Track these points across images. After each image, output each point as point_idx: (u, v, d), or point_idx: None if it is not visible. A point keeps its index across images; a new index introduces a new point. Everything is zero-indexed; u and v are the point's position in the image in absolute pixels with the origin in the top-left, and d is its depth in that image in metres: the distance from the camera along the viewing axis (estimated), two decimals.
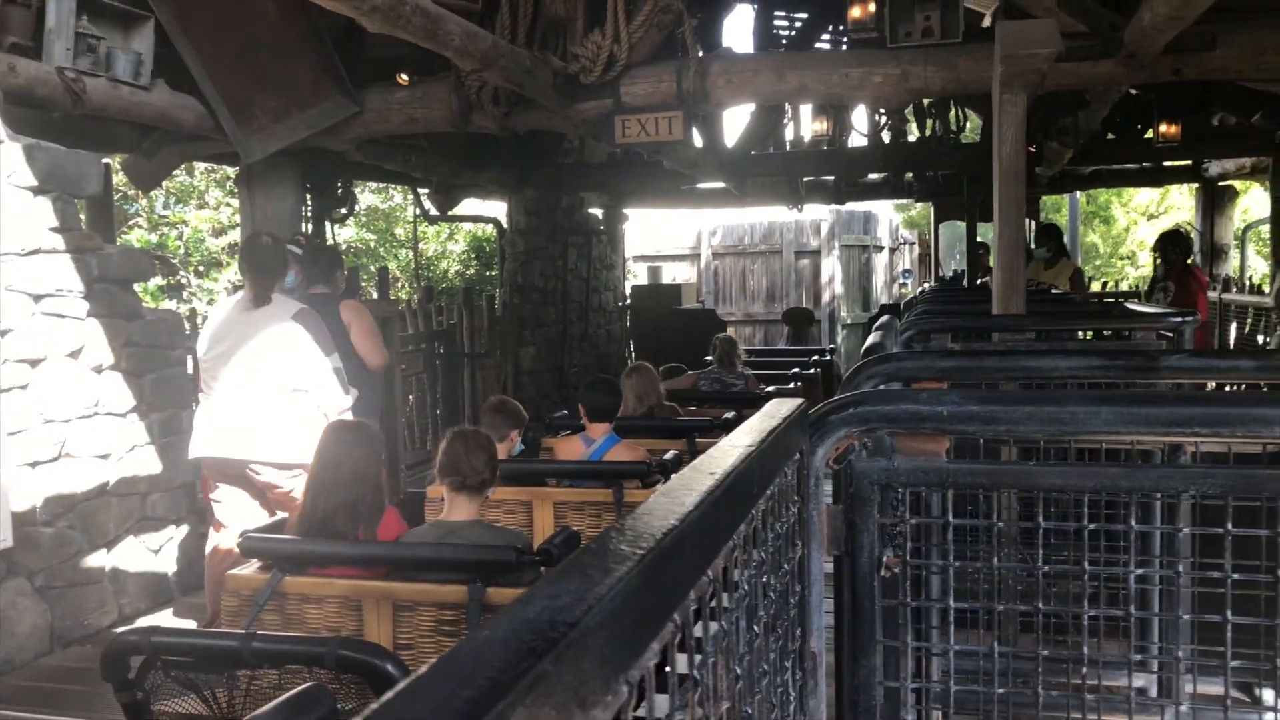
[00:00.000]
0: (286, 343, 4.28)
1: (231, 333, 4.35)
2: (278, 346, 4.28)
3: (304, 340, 4.30)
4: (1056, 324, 3.74)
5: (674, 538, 0.61)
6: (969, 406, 1.24)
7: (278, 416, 4.23)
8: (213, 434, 4.30)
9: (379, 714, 0.36)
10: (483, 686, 0.38)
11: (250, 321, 4.33)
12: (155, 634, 2.44)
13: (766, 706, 0.98)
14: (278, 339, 4.29)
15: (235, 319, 4.38)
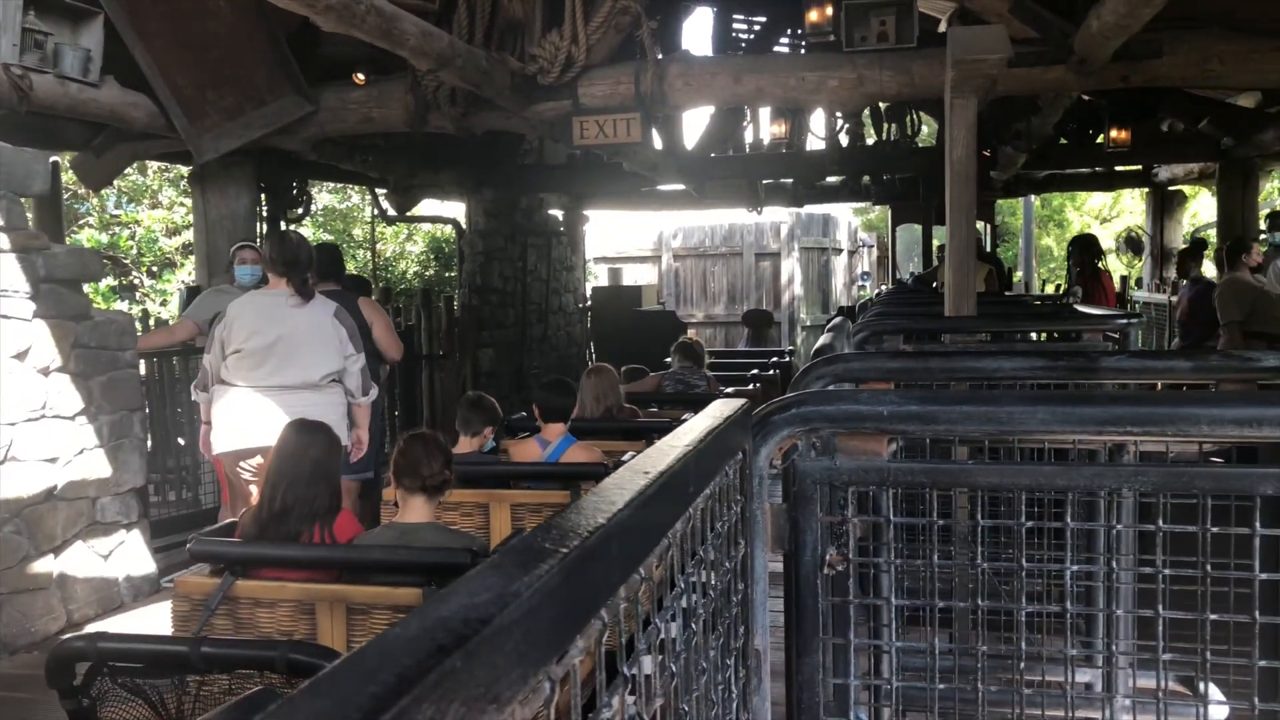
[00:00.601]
0: (329, 339, 4.50)
1: (273, 327, 4.46)
2: (322, 341, 4.49)
3: (343, 337, 4.54)
4: (1007, 326, 3.80)
5: (600, 536, 0.62)
6: (908, 407, 1.26)
7: (314, 404, 4.34)
8: (257, 423, 4.36)
9: (284, 710, 0.36)
10: (388, 682, 0.38)
11: (294, 317, 4.47)
12: (102, 639, 2.40)
13: (706, 704, 0.99)
14: (324, 332, 4.50)
15: (276, 314, 4.47)
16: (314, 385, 4.48)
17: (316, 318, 4.51)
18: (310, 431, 3.19)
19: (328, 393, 4.51)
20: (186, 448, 6.58)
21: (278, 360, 4.45)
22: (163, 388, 6.57)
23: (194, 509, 6.40)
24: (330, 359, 4.52)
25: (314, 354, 4.48)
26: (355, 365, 4.59)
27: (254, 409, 4.43)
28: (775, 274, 16.21)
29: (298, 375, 4.45)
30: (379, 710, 0.36)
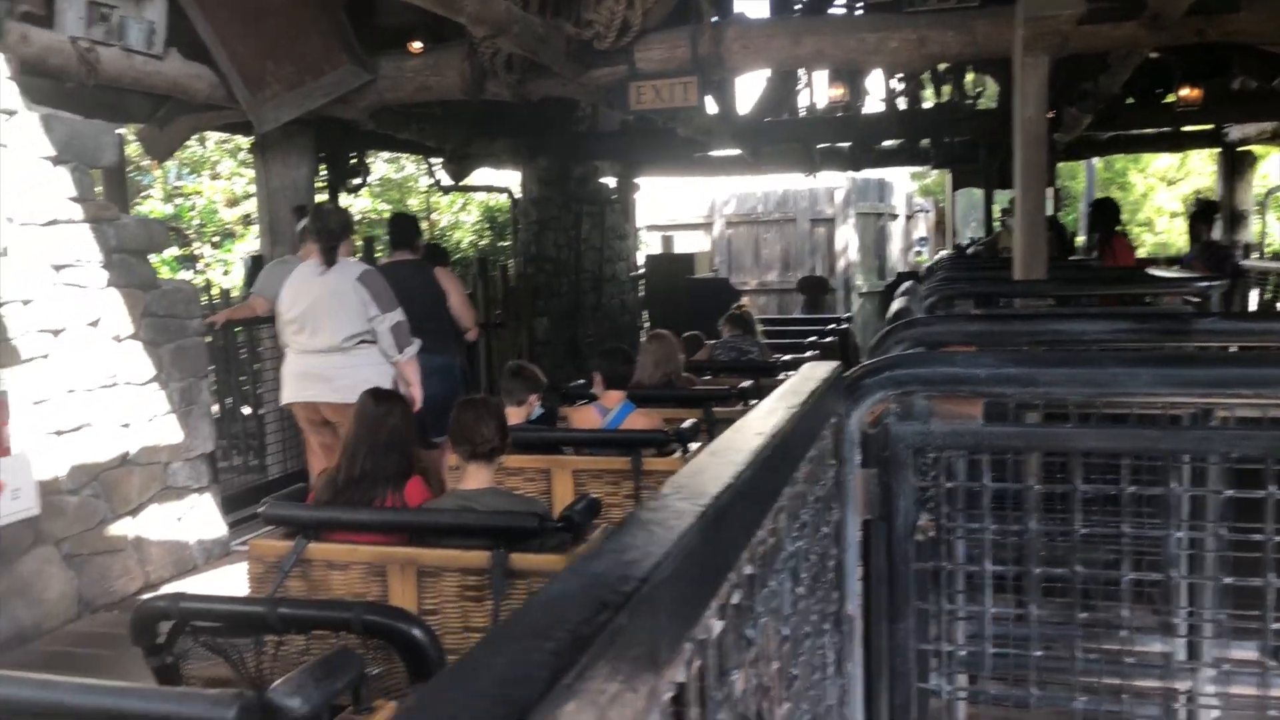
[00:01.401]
0: (350, 301, 4.69)
1: (307, 294, 4.76)
2: (345, 303, 4.70)
3: (366, 297, 4.69)
4: (1078, 290, 3.71)
5: (730, 495, 0.60)
6: (1006, 369, 1.22)
7: (346, 365, 4.68)
8: (293, 384, 4.84)
9: (465, 666, 0.35)
10: (563, 639, 0.37)
11: (321, 283, 4.73)
12: (183, 600, 2.46)
13: (809, 669, 0.97)
14: (345, 296, 4.70)
15: (309, 281, 4.78)
16: (340, 348, 4.71)
17: (338, 283, 4.70)
18: (387, 400, 3.24)
19: (355, 354, 4.72)
20: (252, 415, 6.70)
21: (311, 326, 4.75)
22: (227, 356, 6.69)
23: (260, 475, 6.52)
24: (352, 322, 4.69)
25: (336, 318, 4.70)
26: (383, 325, 4.70)
27: (298, 370, 4.83)
28: (830, 240, 16.01)
29: (325, 340, 4.72)
30: (563, 668, 0.35)
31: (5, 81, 4.23)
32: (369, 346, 4.74)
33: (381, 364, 4.75)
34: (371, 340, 4.73)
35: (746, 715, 0.68)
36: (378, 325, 4.70)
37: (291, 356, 4.88)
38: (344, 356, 4.71)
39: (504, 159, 10.38)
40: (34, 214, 4.33)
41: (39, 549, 4.29)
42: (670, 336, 5.59)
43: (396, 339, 4.74)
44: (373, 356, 4.75)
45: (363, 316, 4.70)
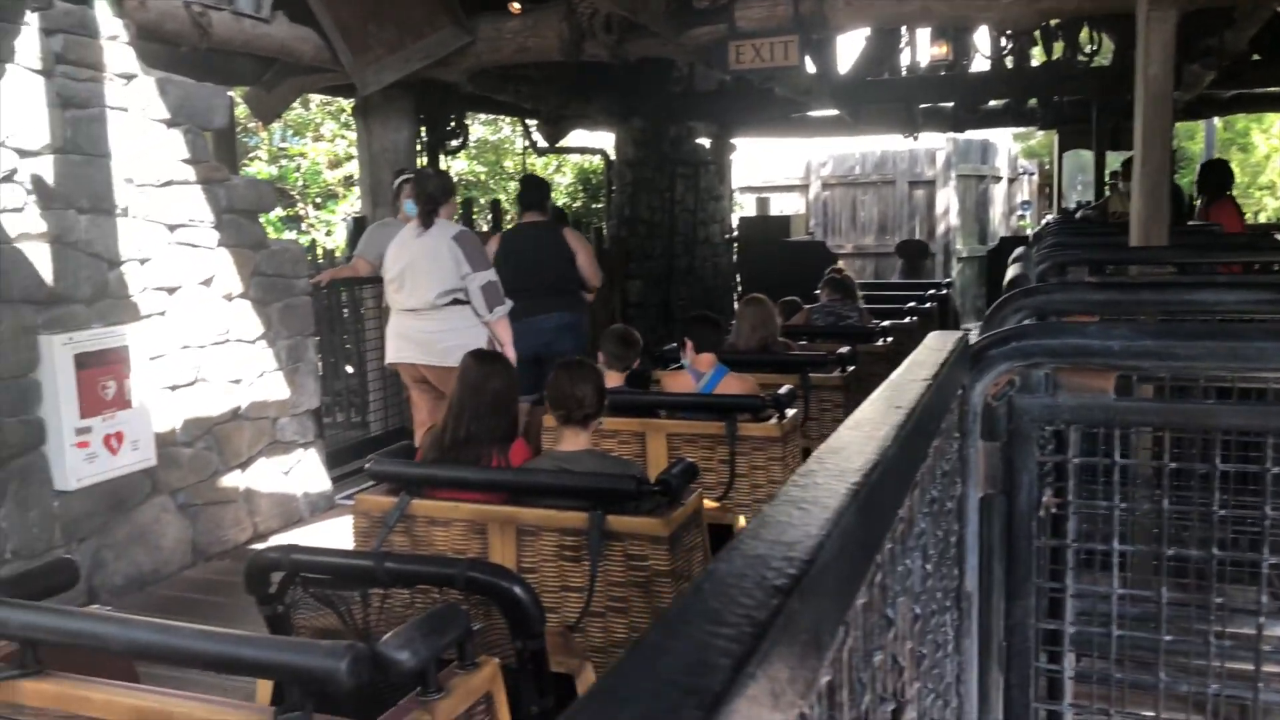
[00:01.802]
0: (445, 260, 4.82)
1: (406, 254, 4.93)
2: (439, 261, 4.83)
3: (459, 257, 4.81)
4: (1202, 257, 3.53)
5: (879, 472, 0.58)
6: (1143, 341, 1.16)
7: (442, 328, 4.87)
8: (394, 344, 5.04)
9: (649, 648, 0.34)
10: (740, 624, 0.36)
11: (419, 244, 4.89)
12: (294, 551, 2.53)
13: (933, 647, 0.95)
14: (438, 257, 4.83)
15: (408, 242, 4.94)
16: (433, 305, 4.86)
17: (434, 243, 4.84)
18: (490, 362, 3.27)
19: (449, 315, 4.87)
20: (355, 373, 6.87)
21: (409, 285, 4.90)
22: (331, 315, 6.86)
23: (363, 432, 6.69)
24: (445, 279, 4.82)
25: (430, 277, 4.83)
26: (474, 283, 4.83)
27: (399, 330, 5.01)
28: (930, 203, 15.61)
29: (420, 298, 4.87)
30: (745, 655, 0.34)
31: (124, 47, 4.37)
32: (462, 307, 4.87)
33: (475, 326, 4.89)
34: (465, 300, 4.86)
35: (884, 695, 0.66)
36: (469, 283, 4.81)
37: (394, 316, 5.06)
38: (439, 318, 4.86)
39: (599, 120, 10.36)
40: (150, 175, 4.48)
41: (156, 498, 4.49)
42: (767, 300, 5.53)
43: (487, 298, 4.85)
44: (466, 318, 4.88)
45: (455, 275, 4.81)
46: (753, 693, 0.33)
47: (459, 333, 4.81)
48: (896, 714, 0.69)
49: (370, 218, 7.06)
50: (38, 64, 3.95)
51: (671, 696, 0.31)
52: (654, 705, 0.30)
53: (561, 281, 5.79)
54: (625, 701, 0.31)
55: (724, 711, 0.30)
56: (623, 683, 0.32)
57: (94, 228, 4.19)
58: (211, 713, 1.80)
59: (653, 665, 0.33)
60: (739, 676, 0.32)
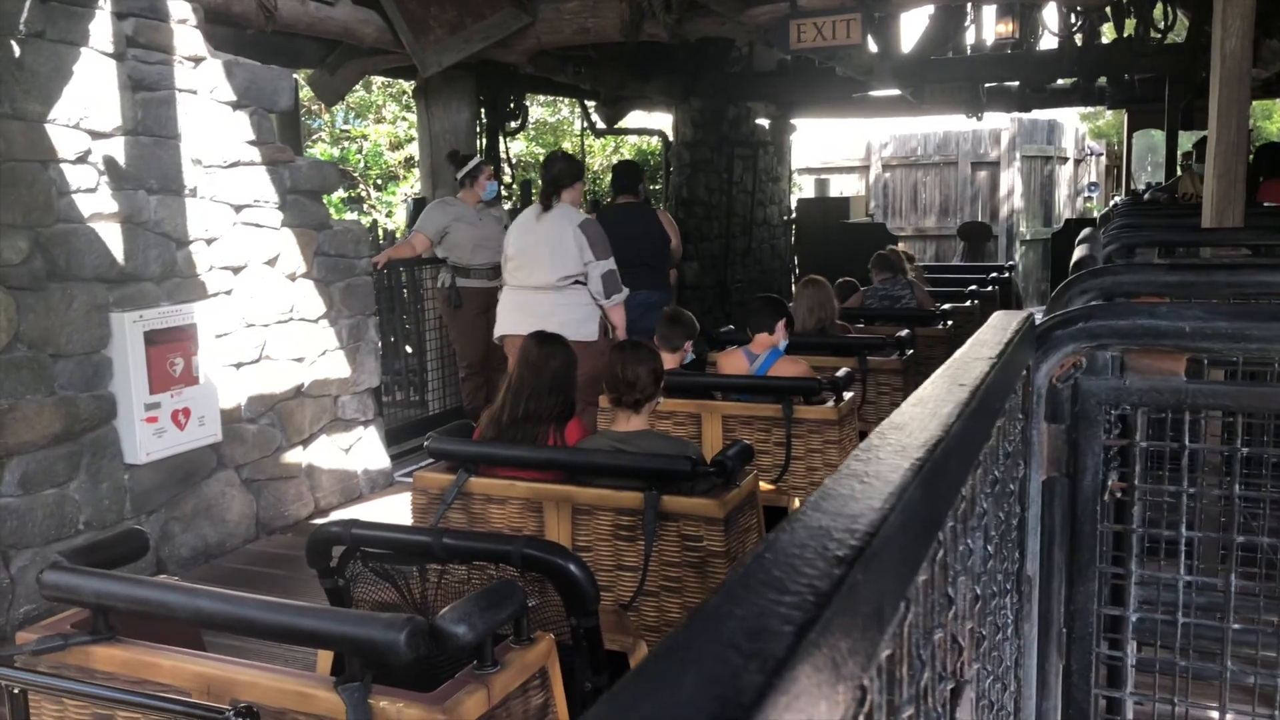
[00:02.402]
0: (569, 246, 5.04)
1: (529, 237, 5.15)
2: (563, 246, 5.05)
3: (584, 244, 5.03)
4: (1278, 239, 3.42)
5: (942, 450, 0.57)
6: (1216, 322, 1.13)
7: (559, 303, 5.07)
8: (508, 317, 5.23)
9: (708, 614, 0.34)
10: (802, 593, 0.35)
11: (540, 228, 5.12)
12: (355, 526, 2.58)
13: (993, 629, 0.94)
14: (562, 243, 5.05)
15: (530, 225, 5.18)
16: (554, 286, 5.06)
17: (557, 229, 5.04)
18: (551, 343, 3.28)
19: (567, 293, 5.08)
20: (414, 353, 6.96)
21: (528, 265, 5.11)
22: (391, 295, 6.94)
23: (421, 411, 6.78)
24: (567, 264, 5.02)
25: (552, 261, 5.03)
26: (596, 271, 5.04)
27: (514, 304, 5.21)
28: (993, 184, 15.32)
29: (541, 277, 5.07)
30: (808, 623, 0.33)
31: (192, 30, 4.45)
32: (579, 288, 5.10)
33: (590, 305, 5.11)
34: (582, 281, 5.09)
35: (944, 674, 0.65)
36: (591, 270, 5.04)
37: (508, 292, 5.29)
38: (557, 295, 5.08)
39: (657, 101, 10.32)
40: (217, 157, 4.57)
41: (221, 473, 4.60)
42: (825, 282, 5.48)
43: (606, 286, 5.08)
44: (582, 298, 5.10)
45: (578, 261, 5.03)
46: (815, 661, 0.33)
47: (573, 308, 5.05)
48: (955, 693, 0.69)
49: (430, 198, 7.12)
50: (109, 47, 4.04)
51: (734, 660, 0.31)
52: (716, 668, 0.30)
53: (654, 259, 6.04)
54: (688, 663, 0.31)
55: (786, 677, 0.30)
56: (685, 645, 0.32)
57: (163, 208, 4.29)
58: (274, 681, 1.84)
59: (716, 630, 0.33)
60: (801, 644, 0.32)
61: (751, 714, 0.28)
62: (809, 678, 0.32)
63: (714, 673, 0.30)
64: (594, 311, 5.13)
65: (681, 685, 0.29)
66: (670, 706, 0.28)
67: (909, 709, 0.52)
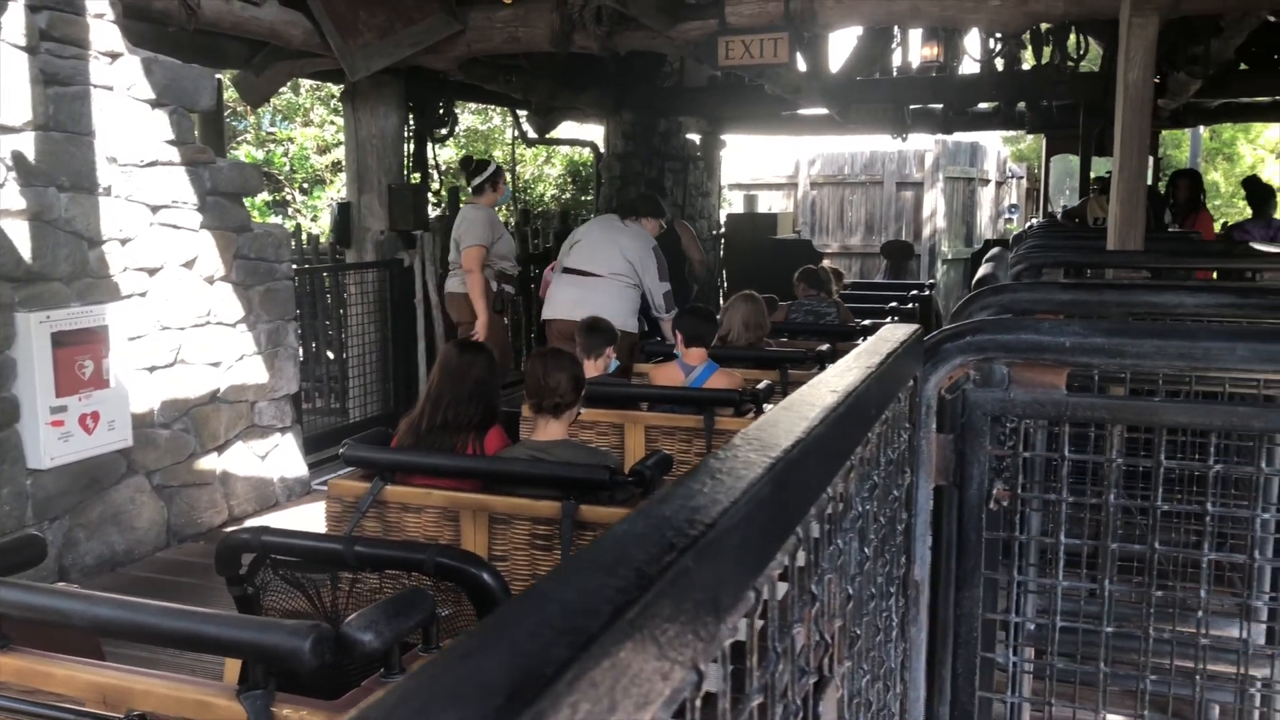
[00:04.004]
0: (639, 254, 5.83)
1: (594, 233, 5.98)
2: (631, 252, 5.82)
3: (650, 262, 5.85)
4: (1176, 262, 3.58)
5: (800, 450, 0.60)
6: (1094, 338, 1.19)
7: (610, 296, 5.70)
8: (557, 303, 5.85)
9: (535, 595, 0.36)
10: (628, 576, 0.37)
11: (615, 229, 5.96)
12: (265, 533, 2.54)
13: (872, 630, 0.97)
14: (635, 247, 5.84)
15: (602, 225, 6.08)
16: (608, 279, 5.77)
17: (639, 240, 5.94)
18: (472, 351, 3.27)
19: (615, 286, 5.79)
20: (335, 360, 6.87)
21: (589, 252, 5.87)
22: (313, 300, 6.85)
23: (341, 418, 6.70)
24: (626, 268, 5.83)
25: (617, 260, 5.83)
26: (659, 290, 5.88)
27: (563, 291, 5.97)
28: (917, 204, 15.66)
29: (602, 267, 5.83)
30: (626, 604, 0.35)
31: (110, 25, 4.35)
32: (632, 290, 5.82)
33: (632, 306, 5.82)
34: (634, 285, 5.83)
35: (806, 669, 0.68)
36: (654, 286, 5.83)
37: (560, 279, 5.92)
38: (608, 285, 5.73)
39: (589, 112, 10.36)
40: (134, 155, 4.47)
41: (131, 479, 4.48)
42: (759, 297, 5.55)
43: (665, 303, 5.86)
44: (629, 295, 5.78)
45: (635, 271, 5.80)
46: (634, 640, 0.35)
47: (619, 302, 5.70)
48: (819, 687, 0.71)
49: (356, 203, 7.05)
50: (22, 40, 3.93)
51: (547, 635, 0.32)
52: (529, 642, 0.32)
53: None
54: (504, 637, 0.32)
55: (594, 653, 0.32)
56: (507, 622, 0.33)
57: (75, 206, 4.18)
58: (172, 689, 1.81)
59: (539, 608, 0.35)
60: (617, 623, 0.34)
61: (553, 684, 0.30)
62: (625, 655, 0.34)
63: (526, 646, 0.31)
64: (633, 309, 5.86)
65: (492, 656, 0.31)
66: (476, 673, 0.29)
67: (758, 698, 0.54)
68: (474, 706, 0.27)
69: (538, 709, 0.28)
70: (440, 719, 0.27)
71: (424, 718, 0.27)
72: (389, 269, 6.88)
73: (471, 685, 0.29)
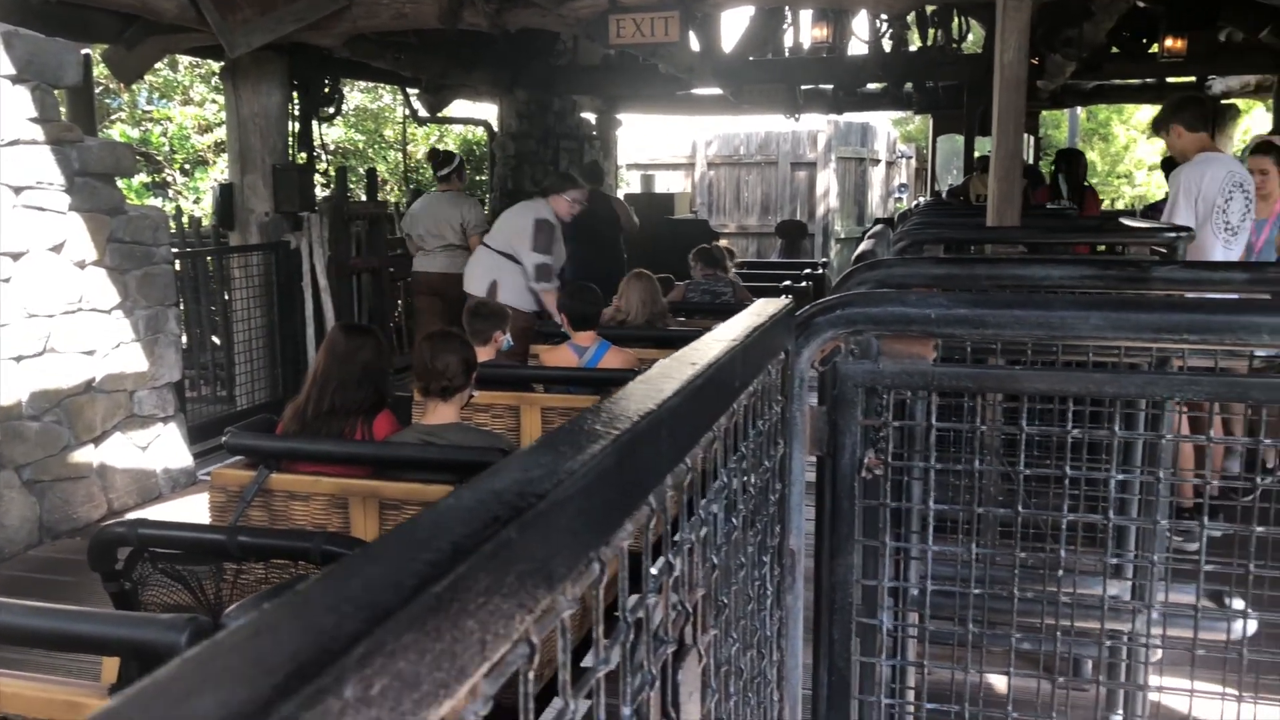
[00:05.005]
0: (517, 229, 6.04)
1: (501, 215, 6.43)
2: (510, 228, 6.11)
3: (529, 232, 6.00)
4: (1050, 237, 3.72)
5: (650, 422, 0.60)
6: (957, 310, 1.22)
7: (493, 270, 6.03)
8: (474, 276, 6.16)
9: (339, 573, 0.35)
10: (443, 550, 0.37)
11: (509, 210, 6.44)
12: (142, 526, 2.45)
13: (743, 599, 0.98)
14: (514, 224, 6.11)
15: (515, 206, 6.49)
16: (498, 253, 6.07)
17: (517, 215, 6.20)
18: (360, 334, 3.19)
19: (508, 262, 6.04)
20: (222, 345, 6.65)
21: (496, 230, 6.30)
22: (196, 285, 6.61)
23: (229, 406, 6.49)
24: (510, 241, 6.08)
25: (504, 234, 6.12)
26: (529, 260, 5.99)
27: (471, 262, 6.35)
28: (811, 184, 15.92)
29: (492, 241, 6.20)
30: (435, 577, 0.35)
31: None
32: (518, 266, 5.99)
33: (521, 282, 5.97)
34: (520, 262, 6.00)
35: (665, 639, 0.68)
36: (526, 258, 5.94)
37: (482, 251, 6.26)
38: (498, 263, 6.04)
39: (482, 91, 10.21)
40: None
41: None
42: (651, 276, 5.57)
43: (536, 274, 5.95)
44: (517, 274, 5.96)
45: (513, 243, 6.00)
46: (443, 613, 0.34)
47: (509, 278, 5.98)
48: (678, 655, 0.72)
49: (239, 185, 6.81)
50: None
51: (344, 609, 0.32)
52: (323, 618, 0.31)
53: None
54: (299, 615, 0.31)
55: (392, 626, 0.31)
56: (302, 600, 0.32)
57: None
58: (39, 691, 1.73)
59: (342, 584, 0.34)
60: (421, 595, 0.33)
61: (339, 659, 0.29)
62: (432, 629, 0.34)
63: (318, 623, 0.30)
64: (514, 290, 5.96)
65: (281, 634, 0.30)
66: (259, 652, 0.28)
67: (606, 667, 0.54)
68: (246, 687, 0.26)
69: (319, 685, 0.28)
70: (200, 704, 0.25)
71: (186, 702, 0.25)
72: (275, 252, 6.68)
73: (252, 664, 0.28)
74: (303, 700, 0.27)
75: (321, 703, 0.27)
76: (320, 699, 0.27)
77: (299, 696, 0.27)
